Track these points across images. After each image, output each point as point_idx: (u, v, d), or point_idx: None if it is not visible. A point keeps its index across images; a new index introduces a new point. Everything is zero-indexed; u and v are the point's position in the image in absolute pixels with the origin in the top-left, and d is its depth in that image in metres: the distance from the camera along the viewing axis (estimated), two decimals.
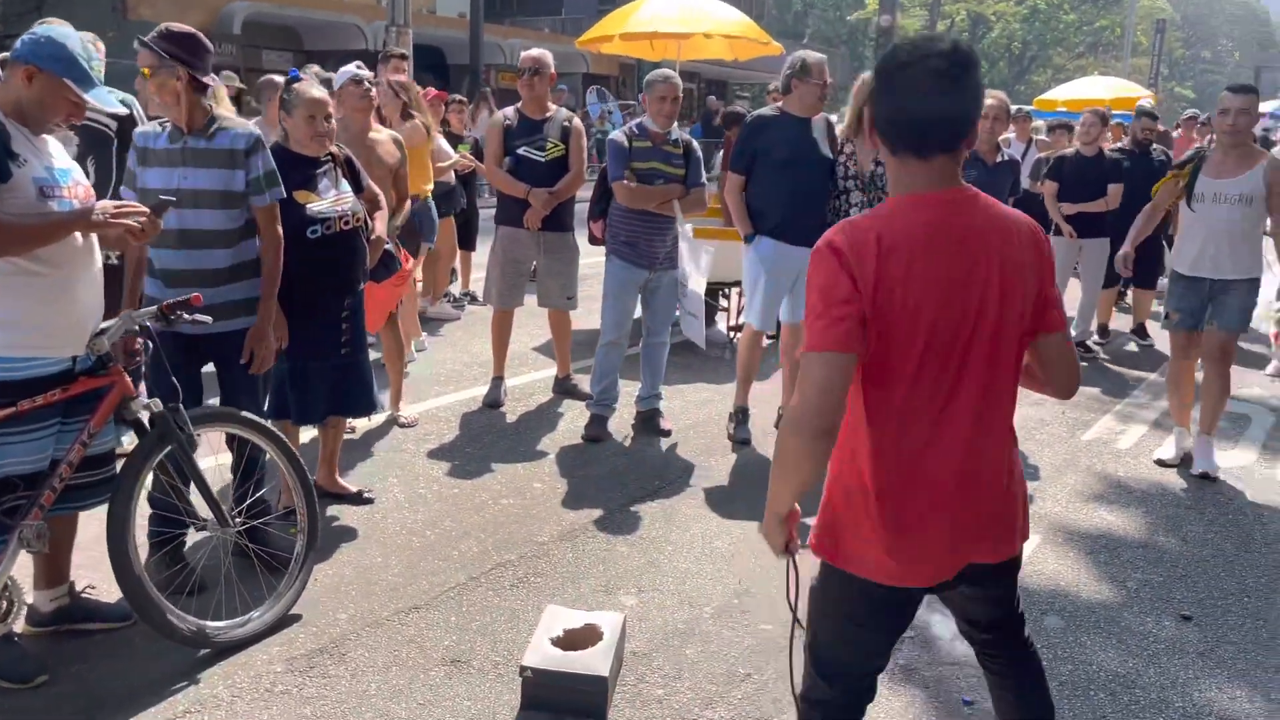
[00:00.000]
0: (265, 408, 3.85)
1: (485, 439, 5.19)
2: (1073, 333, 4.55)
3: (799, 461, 1.86)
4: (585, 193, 5.65)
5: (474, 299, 8.43)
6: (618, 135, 5.11)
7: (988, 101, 5.39)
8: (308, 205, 3.71)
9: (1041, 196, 7.23)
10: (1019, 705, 2.20)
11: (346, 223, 3.81)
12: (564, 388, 5.96)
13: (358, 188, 3.99)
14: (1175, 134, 11.13)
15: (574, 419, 5.51)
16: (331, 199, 3.80)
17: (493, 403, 5.68)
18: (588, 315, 7.22)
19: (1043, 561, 3.99)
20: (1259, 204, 4.68)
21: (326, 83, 4.62)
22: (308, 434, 4.49)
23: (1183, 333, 4.97)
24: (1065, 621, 3.52)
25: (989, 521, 1.97)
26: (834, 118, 5.28)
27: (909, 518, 1.91)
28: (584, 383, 5.81)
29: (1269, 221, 4.79)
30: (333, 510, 4.19)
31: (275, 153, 3.64)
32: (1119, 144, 8.35)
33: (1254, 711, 3.04)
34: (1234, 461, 5.25)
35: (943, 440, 1.89)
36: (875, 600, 1.98)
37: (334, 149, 3.92)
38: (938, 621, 3.45)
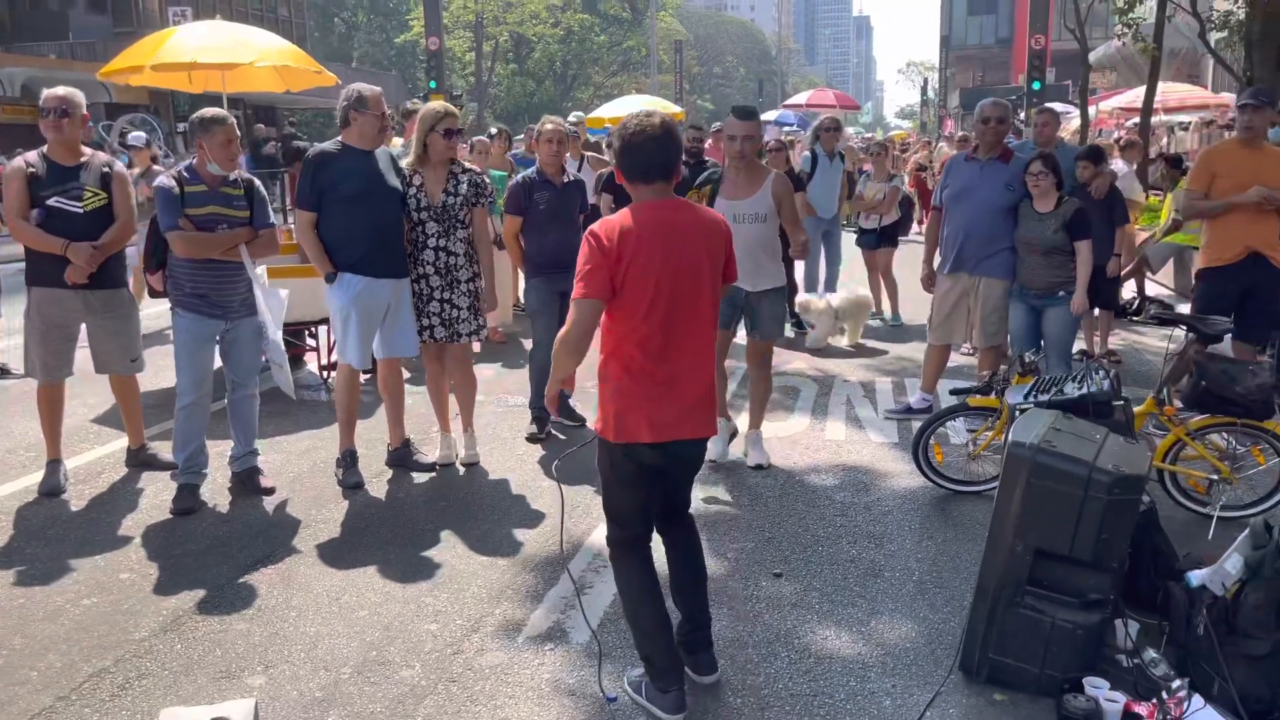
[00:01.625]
0: None
1: (49, 534, 4.51)
2: None
3: (563, 364, 3.04)
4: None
5: (5, 371, 7.30)
6: (166, 180, 4.68)
7: (547, 127, 5.69)
8: None
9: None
10: (681, 562, 3.31)
11: None
12: (141, 459, 5.34)
13: None
14: (706, 144, 12.36)
15: (159, 493, 4.97)
16: None
17: (52, 490, 4.95)
18: (158, 373, 6.56)
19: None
20: (773, 218, 5.11)
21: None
22: None
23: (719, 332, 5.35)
24: None
25: (692, 412, 3.07)
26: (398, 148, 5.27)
27: (646, 400, 3.00)
28: (165, 450, 5.26)
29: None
30: None
31: None
32: None
33: (842, 645, 3.53)
34: (792, 429, 6.04)
35: (665, 355, 2.99)
36: (628, 460, 3.04)
37: None
38: (575, 627, 3.60)
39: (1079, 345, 7.19)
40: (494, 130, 10.20)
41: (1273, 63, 10.85)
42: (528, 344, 6.06)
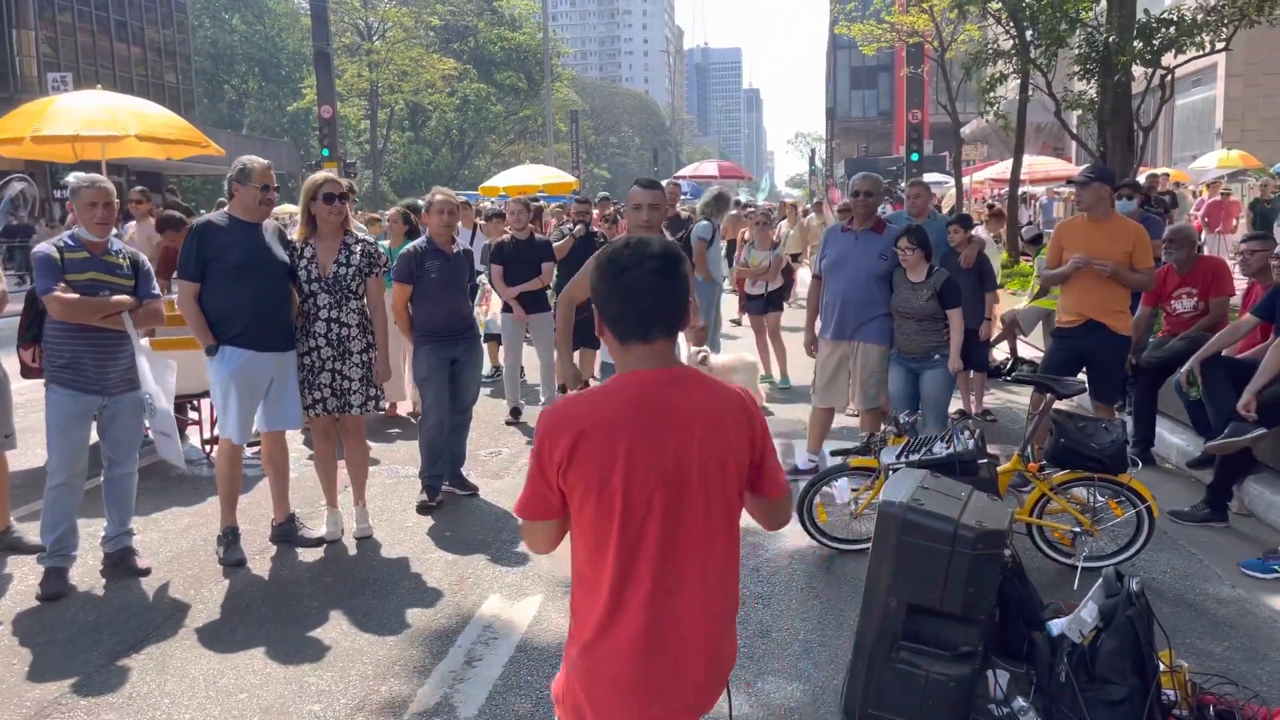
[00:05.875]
0: None
1: None
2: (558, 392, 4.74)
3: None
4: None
5: None
6: (45, 248, 4.55)
7: (437, 198, 5.75)
8: None
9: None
10: None
11: None
12: (6, 543, 5.08)
13: None
14: (594, 215, 12.49)
15: (25, 578, 4.74)
16: None
17: None
18: (27, 450, 6.28)
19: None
20: None
21: None
22: None
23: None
24: None
25: (674, 685, 2.00)
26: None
27: (605, 675, 2.00)
28: (31, 532, 5.02)
29: None
30: None
31: None
32: (567, 224, 9.37)
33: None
34: None
35: (627, 603, 1.98)
36: None
37: None
38: None
39: (956, 405, 7.51)
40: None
41: (1124, 140, 11.72)
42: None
